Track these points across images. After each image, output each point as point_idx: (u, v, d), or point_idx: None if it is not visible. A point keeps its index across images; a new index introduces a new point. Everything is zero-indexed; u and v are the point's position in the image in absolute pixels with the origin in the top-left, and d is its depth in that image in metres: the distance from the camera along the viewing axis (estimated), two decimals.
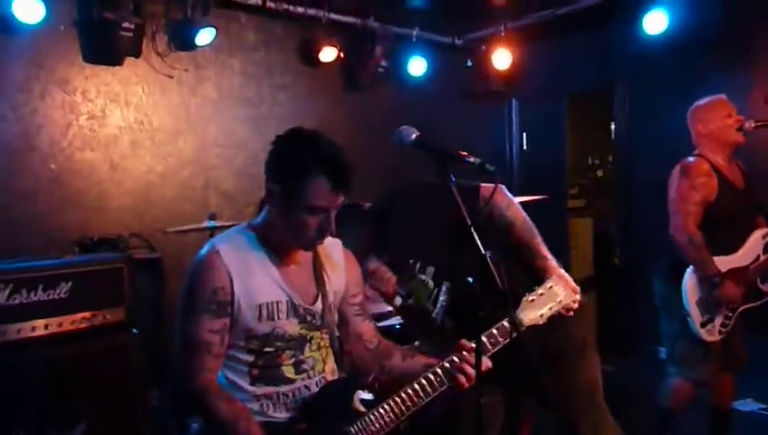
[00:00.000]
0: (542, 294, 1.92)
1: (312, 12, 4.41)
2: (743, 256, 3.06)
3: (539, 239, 2.20)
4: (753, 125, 3.20)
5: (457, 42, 5.36)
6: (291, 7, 4.34)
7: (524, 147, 5.53)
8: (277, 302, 1.78)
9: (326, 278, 1.89)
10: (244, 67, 4.42)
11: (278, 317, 1.78)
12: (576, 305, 2.00)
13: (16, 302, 2.57)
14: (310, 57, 4.59)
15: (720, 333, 3.04)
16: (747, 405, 4.01)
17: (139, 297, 3.01)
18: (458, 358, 1.80)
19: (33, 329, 2.61)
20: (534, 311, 1.91)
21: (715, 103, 3.16)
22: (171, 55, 4.01)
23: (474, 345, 1.75)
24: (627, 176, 5.11)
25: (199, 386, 1.73)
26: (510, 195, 2.24)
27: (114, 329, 2.83)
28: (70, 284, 2.71)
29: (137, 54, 3.79)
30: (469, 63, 5.27)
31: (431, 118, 5.17)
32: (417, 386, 1.80)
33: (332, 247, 1.97)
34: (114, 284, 2.84)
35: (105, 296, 2.81)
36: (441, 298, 2.22)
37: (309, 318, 1.83)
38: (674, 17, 4.07)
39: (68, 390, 2.66)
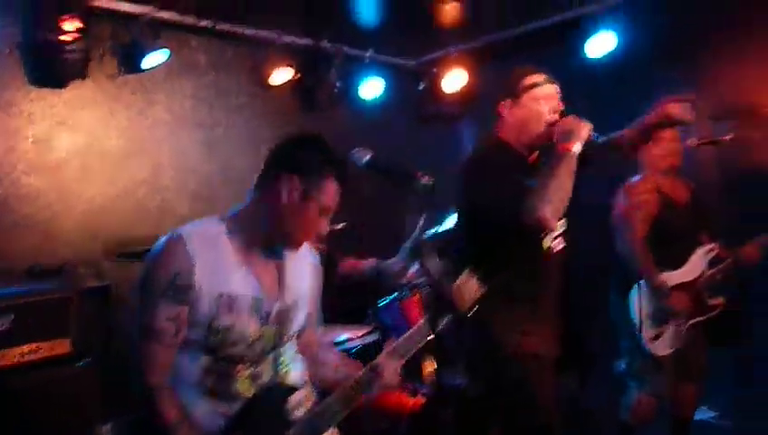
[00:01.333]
0: (459, 287, 1.92)
1: (263, 34, 4.40)
2: (688, 272, 3.22)
3: None
4: (696, 143, 3.35)
5: (410, 63, 5.42)
6: (242, 30, 4.32)
7: None
8: (242, 295, 1.73)
9: (289, 281, 1.86)
10: (196, 90, 4.36)
11: (240, 312, 1.72)
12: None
13: None
14: (263, 79, 4.56)
15: (671, 346, 3.14)
16: (701, 413, 4.12)
17: (90, 327, 2.90)
18: (373, 369, 1.84)
19: None
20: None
21: None
22: (119, 78, 3.93)
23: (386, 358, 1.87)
24: (575, 193, 5.19)
25: (150, 383, 1.67)
26: None
27: (60, 361, 2.73)
28: (12, 316, 2.61)
29: (83, 77, 3.69)
30: (421, 86, 5.31)
31: (387, 140, 5.20)
32: (336, 394, 1.83)
33: (301, 251, 1.95)
34: (59, 314, 2.75)
35: (50, 328, 2.72)
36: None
37: (271, 319, 1.79)
38: (621, 39, 4.21)
39: (16, 424, 2.54)
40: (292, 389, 1.83)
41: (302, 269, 1.94)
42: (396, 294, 3.68)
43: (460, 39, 5.03)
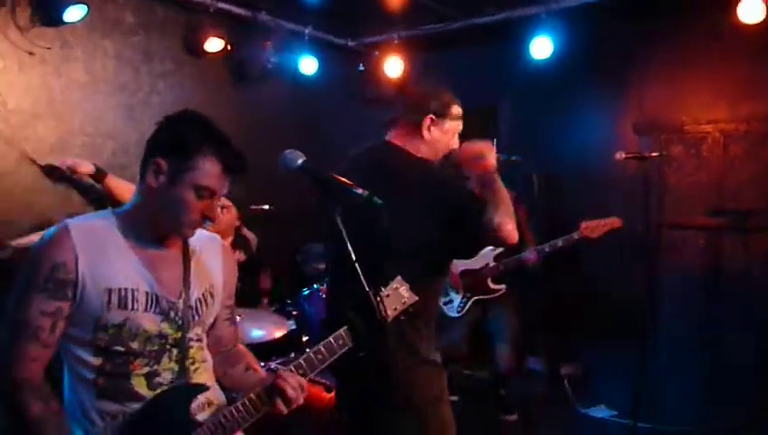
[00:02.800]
0: (388, 295, 1.88)
1: None
2: (474, 262, 4.13)
3: None
4: (623, 156, 3.44)
5: (351, 44, 5.28)
6: None
7: None
8: (133, 289, 1.62)
9: (193, 274, 1.75)
10: (119, 50, 4.06)
11: (133, 307, 1.61)
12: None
13: None
14: (194, 46, 4.31)
15: (458, 311, 4.21)
16: (600, 411, 4.32)
17: None
18: (279, 383, 1.71)
19: None
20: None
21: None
22: (33, 30, 3.58)
23: (290, 373, 1.73)
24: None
25: (17, 378, 1.54)
26: None
27: None
28: None
29: None
30: (361, 67, 5.22)
31: (320, 118, 5.09)
32: (239, 404, 1.72)
33: (209, 242, 1.85)
34: None
35: None
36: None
37: (173, 314, 1.68)
38: (557, 44, 4.25)
39: None
40: (199, 389, 1.73)
41: (212, 261, 1.83)
42: (316, 285, 3.61)
43: (402, 25, 4.95)
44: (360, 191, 1.58)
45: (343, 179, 1.60)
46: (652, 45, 4.27)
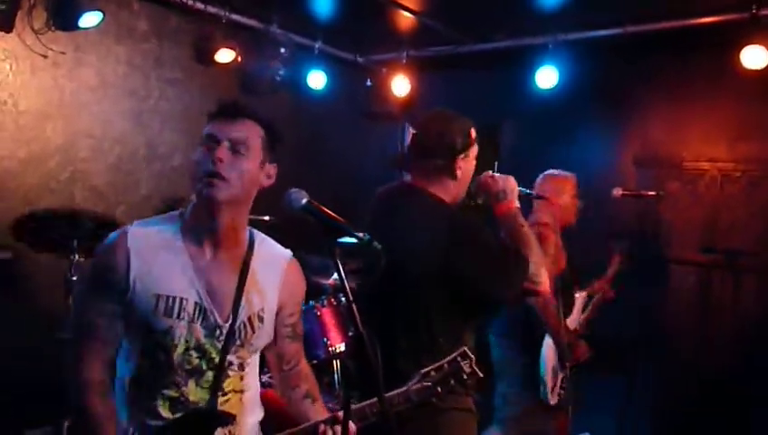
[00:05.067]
0: (441, 367, 1.82)
1: (212, 9, 4.20)
2: (573, 320, 3.34)
3: None
4: (620, 193, 3.47)
5: (359, 59, 5.34)
6: (190, 1, 4.11)
7: None
8: (182, 299, 1.61)
9: (246, 294, 1.70)
10: (131, 56, 4.12)
11: (179, 316, 1.60)
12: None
13: None
14: (204, 55, 4.36)
15: (559, 395, 3.16)
16: None
17: None
18: (326, 425, 1.72)
19: None
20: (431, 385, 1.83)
21: (568, 179, 3.31)
22: (48, 34, 3.64)
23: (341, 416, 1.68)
24: None
25: (81, 376, 1.61)
26: None
27: None
28: None
29: (8, 28, 3.41)
30: (369, 83, 5.28)
31: (326, 132, 5.14)
32: None
33: (273, 260, 1.80)
34: None
35: None
36: None
37: (218, 333, 1.65)
38: (562, 74, 4.30)
39: None
40: (225, 419, 1.67)
41: (269, 281, 1.76)
42: (312, 302, 3.65)
43: (411, 45, 5.01)
44: (361, 235, 1.58)
45: (344, 222, 1.60)
46: (656, 81, 4.32)
